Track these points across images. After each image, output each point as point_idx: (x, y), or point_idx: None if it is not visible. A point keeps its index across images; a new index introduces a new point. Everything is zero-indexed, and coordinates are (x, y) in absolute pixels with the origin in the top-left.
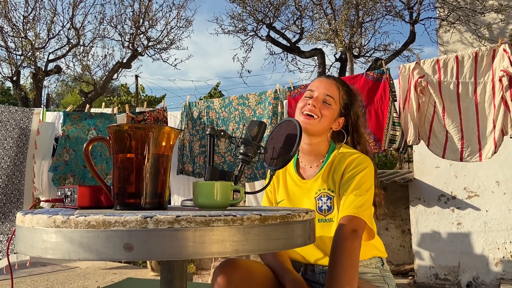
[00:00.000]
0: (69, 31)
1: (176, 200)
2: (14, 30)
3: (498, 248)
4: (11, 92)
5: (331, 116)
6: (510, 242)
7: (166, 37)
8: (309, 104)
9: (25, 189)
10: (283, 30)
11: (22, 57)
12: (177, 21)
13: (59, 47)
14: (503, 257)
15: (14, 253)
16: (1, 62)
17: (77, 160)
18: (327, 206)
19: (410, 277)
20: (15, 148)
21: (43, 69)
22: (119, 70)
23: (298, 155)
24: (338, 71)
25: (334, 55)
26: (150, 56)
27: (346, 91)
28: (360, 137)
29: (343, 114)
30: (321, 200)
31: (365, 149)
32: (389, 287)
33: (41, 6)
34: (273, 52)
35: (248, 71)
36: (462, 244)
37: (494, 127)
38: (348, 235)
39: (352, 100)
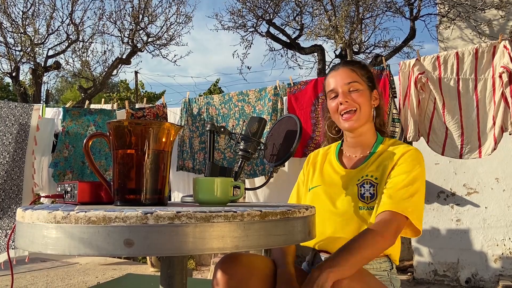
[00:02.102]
0: (68, 26)
1: (176, 196)
2: (13, 26)
3: (497, 245)
4: (11, 88)
5: (367, 97)
6: (509, 238)
7: (165, 33)
8: (341, 103)
9: (24, 185)
10: (283, 26)
11: (22, 53)
12: (176, 17)
13: (58, 43)
14: (502, 253)
15: (12, 248)
16: (1, 57)
17: (76, 156)
18: (370, 193)
19: (409, 273)
20: (14, 144)
21: (42, 65)
22: (119, 66)
23: (341, 146)
24: None
25: (334, 52)
26: (149, 52)
27: (361, 66)
28: (379, 110)
29: (373, 87)
30: (364, 187)
31: (382, 121)
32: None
33: (40, 2)
34: (273, 48)
35: (248, 67)
36: (461, 241)
37: (494, 123)
38: (383, 232)
39: (369, 70)
